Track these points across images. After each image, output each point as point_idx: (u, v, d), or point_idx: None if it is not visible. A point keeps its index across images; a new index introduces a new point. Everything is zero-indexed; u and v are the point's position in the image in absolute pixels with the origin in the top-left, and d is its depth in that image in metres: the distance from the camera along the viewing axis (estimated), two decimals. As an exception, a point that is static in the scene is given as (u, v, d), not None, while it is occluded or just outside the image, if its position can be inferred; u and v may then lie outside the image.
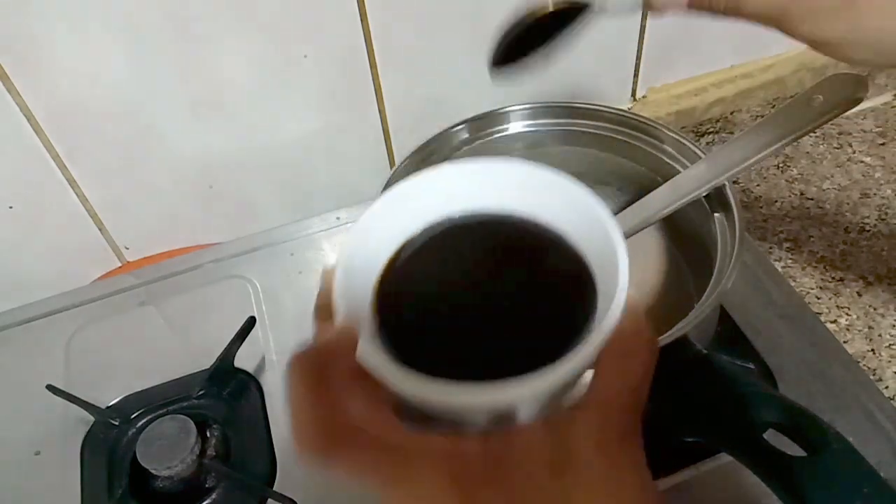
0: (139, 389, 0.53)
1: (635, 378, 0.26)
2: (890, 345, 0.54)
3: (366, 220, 0.29)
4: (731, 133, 0.74)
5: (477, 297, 0.30)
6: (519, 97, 0.53)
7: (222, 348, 0.52)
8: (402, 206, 0.31)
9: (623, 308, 0.25)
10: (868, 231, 0.62)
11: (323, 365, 0.25)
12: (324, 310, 0.27)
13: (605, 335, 0.24)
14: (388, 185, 0.50)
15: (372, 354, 0.25)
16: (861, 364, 0.51)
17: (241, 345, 0.53)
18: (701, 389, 0.37)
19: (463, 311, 0.29)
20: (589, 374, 0.26)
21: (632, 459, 0.26)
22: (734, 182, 0.48)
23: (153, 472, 0.46)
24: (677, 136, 0.50)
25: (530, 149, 0.56)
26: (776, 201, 0.66)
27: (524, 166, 0.31)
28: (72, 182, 0.59)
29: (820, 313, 0.56)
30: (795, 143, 0.67)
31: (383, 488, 0.24)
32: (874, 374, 0.52)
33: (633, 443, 0.26)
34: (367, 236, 0.29)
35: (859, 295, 0.57)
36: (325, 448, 0.24)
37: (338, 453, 0.24)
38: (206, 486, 0.48)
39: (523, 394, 0.24)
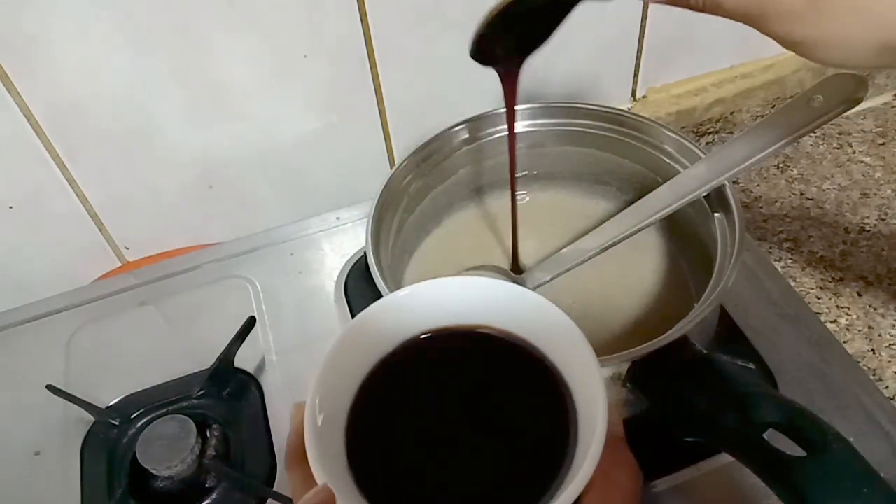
0: (139, 389, 0.53)
1: None
2: (890, 345, 0.54)
3: (334, 352, 0.29)
4: (731, 133, 0.74)
5: (451, 429, 0.29)
6: (519, 97, 0.53)
7: (222, 348, 0.52)
8: (371, 329, 0.30)
9: (601, 448, 0.24)
10: (868, 231, 0.62)
11: None
12: (296, 453, 0.27)
13: (584, 482, 0.24)
14: (388, 185, 0.50)
15: None
16: (861, 364, 0.51)
17: (241, 345, 0.53)
18: (701, 389, 0.37)
19: (436, 448, 0.29)
20: None
21: None
22: (734, 182, 0.48)
23: (153, 472, 0.46)
24: (677, 136, 0.50)
25: (530, 149, 0.56)
26: (776, 201, 0.66)
27: (501, 285, 0.30)
28: (72, 182, 0.59)
29: (820, 313, 0.56)
30: (795, 143, 0.67)
31: None
32: (874, 374, 0.52)
33: None
34: (335, 368, 0.29)
35: (859, 295, 0.57)
36: None
37: None
38: (206, 486, 0.48)
39: None
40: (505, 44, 0.43)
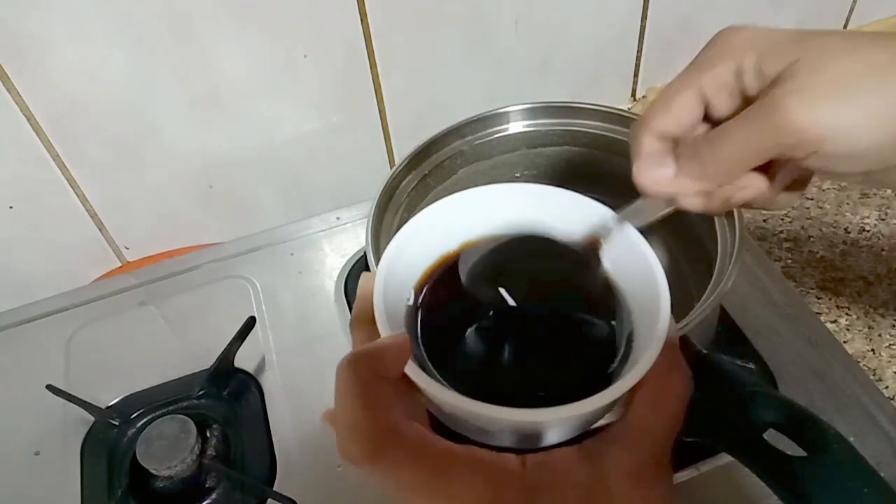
0: (139, 389, 0.53)
1: (669, 415, 0.26)
2: (890, 345, 0.54)
3: (405, 233, 0.30)
4: (731, 133, 0.74)
5: (511, 318, 0.30)
6: (519, 97, 0.53)
7: (222, 348, 0.52)
8: (440, 222, 0.31)
9: (661, 348, 0.25)
10: (868, 231, 0.62)
11: (377, 365, 0.25)
12: (360, 316, 0.28)
13: (640, 376, 0.25)
14: (388, 185, 0.50)
15: (417, 370, 0.25)
16: (861, 364, 0.51)
17: (241, 345, 0.53)
18: (701, 389, 0.37)
19: (496, 333, 0.30)
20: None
21: (662, 493, 0.26)
22: (734, 182, 0.47)
23: (153, 472, 0.46)
24: (677, 136, 0.50)
25: (530, 149, 0.56)
26: (776, 201, 0.66)
27: (566, 192, 0.31)
28: (72, 182, 0.59)
29: (820, 313, 0.56)
30: (795, 143, 0.67)
31: (423, 498, 0.24)
32: (874, 374, 0.52)
33: (665, 476, 0.26)
34: (405, 250, 0.30)
35: (859, 295, 0.57)
36: (370, 454, 0.23)
37: (382, 459, 0.23)
38: (206, 486, 0.48)
39: (562, 418, 0.25)
40: None
